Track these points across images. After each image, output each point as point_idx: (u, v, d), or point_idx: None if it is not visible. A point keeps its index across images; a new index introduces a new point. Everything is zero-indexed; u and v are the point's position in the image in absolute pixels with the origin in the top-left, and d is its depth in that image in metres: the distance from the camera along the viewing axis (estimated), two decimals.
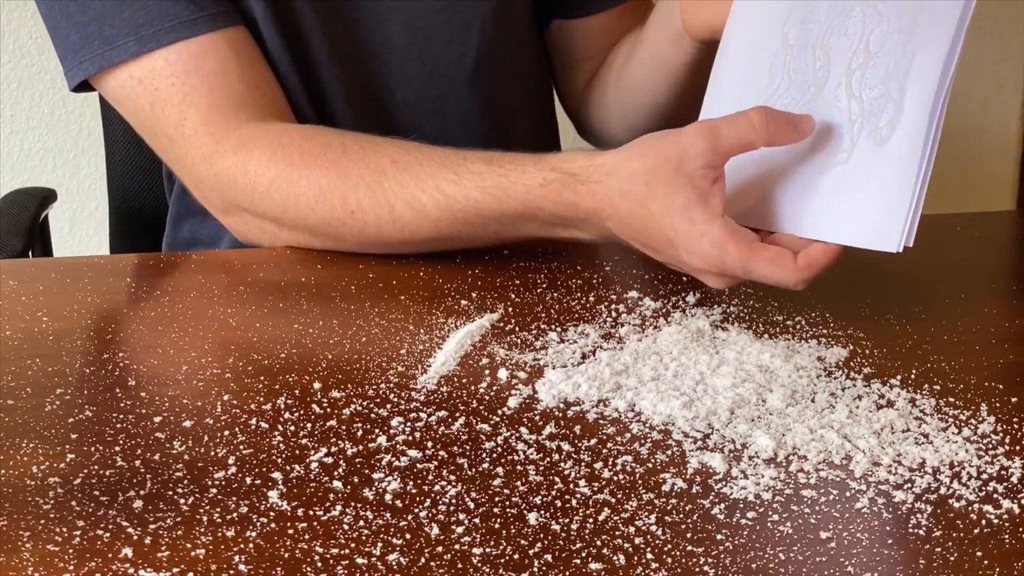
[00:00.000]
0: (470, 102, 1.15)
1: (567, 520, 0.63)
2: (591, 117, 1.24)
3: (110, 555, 0.59)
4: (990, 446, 0.71)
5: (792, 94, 0.89)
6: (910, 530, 0.63)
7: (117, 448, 0.69)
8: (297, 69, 1.07)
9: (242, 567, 0.59)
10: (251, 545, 0.61)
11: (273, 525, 0.62)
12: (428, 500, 0.65)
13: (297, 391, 0.76)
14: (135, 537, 0.61)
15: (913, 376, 0.80)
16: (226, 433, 0.71)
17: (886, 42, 0.85)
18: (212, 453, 0.69)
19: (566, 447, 0.70)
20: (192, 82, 0.98)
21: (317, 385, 0.77)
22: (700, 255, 0.83)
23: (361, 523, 0.63)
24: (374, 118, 1.11)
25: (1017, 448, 0.71)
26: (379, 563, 0.59)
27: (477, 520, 0.63)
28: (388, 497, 0.65)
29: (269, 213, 0.98)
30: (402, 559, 0.60)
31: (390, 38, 1.10)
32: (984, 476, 0.68)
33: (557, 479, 0.67)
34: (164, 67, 0.98)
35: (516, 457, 0.69)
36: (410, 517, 0.63)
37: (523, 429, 0.72)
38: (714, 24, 0.97)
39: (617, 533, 0.62)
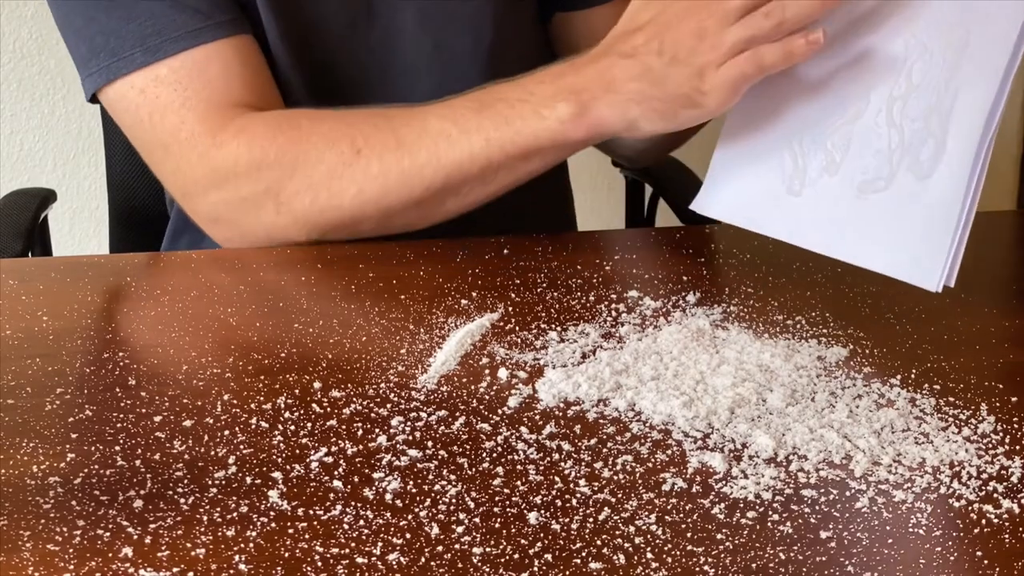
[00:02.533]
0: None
1: (567, 520, 0.63)
2: None
3: (110, 555, 0.59)
4: (990, 446, 0.71)
5: (828, 110, 0.87)
6: (910, 530, 0.63)
7: (117, 448, 0.69)
8: (304, 66, 1.08)
9: (242, 567, 0.59)
10: (251, 545, 0.61)
11: (273, 525, 0.62)
12: (428, 500, 0.65)
13: (297, 391, 0.76)
14: (135, 537, 0.61)
15: (913, 376, 0.80)
16: (226, 433, 0.71)
17: (929, 75, 0.84)
18: (212, 453, 0.69)
19: (566, 447, 0.70)
20: (194, 87, 0.99)
21: (317, 385, 0.77)
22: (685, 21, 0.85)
23: (361, 523, 0.63)
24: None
25: (1017, 448, 0.71)
26: (379, 563, 0.59)
27: (477, 520, 0.63)
28: (388, 497, 0.65)
29: (275, 184, 0.97)
30: (402, 559, 0.60)
31: (406, 26, 1.11)
32: (984, 476, 0.68)
33: (557, 479, 0.67)
34: (168, 74, 0.99)
35: (516, 457, 0.69)
36: (410, 517, 0.63)
37: (523, 429, 0.72)
38: None
39: (617, 533, 0.62)
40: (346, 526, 0.62)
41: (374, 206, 0.97)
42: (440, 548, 0.61)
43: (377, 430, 0.72)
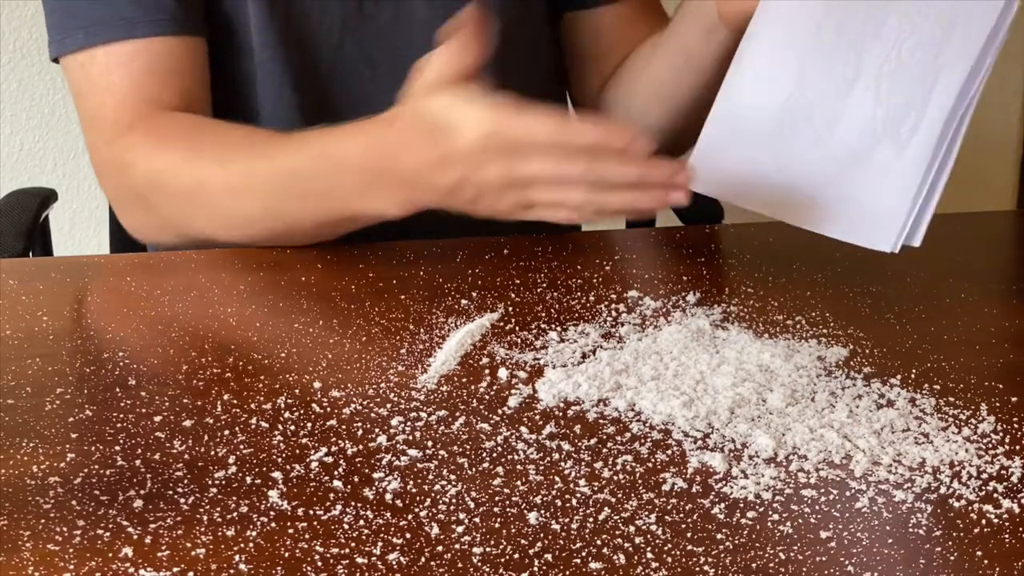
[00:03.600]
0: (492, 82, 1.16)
1: (567, 520, 0.63)
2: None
3: (110, 554, 0.59)
4: (990, 446, 0.71)
5: (818, 90, 0.89)
6: (910, 530, 0.63)
7: (117, 447, 0.69)
8: (294, 54, 1.09)
9: (242, 567, 0.59)
10: (251, 544, 0.61)
11: (273, 524, 0.62)
12: (428, 500, 0.65)
13: (297, 391, 0.76)
14: (135, 536, 0.61)
15: (913, 376, 0.80)
16: (226, 433, 0.71)
17: (917, 51, 0.85)
18: (212, 453, 0.69)
19: (566, 447, 0.70)
20: (118, 75, 1.04)
21: (317, 385, 0.77)
22: (474, 121, 0.81)
23: (361, 522, 0.63)
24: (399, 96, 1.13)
25: (1017, 448, 0.71)
26: (379, 563, 0.59)
27: (477, 520, 0.63)
28: (388, 497, 0.65)
29: (143, 192, 1.02)
30: (402, 559, 0.60)
31: (414, 13, 1.11)
32: (984, 476, 0.68)
33: (557, 479, 0.67)
34: (102, 58, 1.05)
35: (516, 457, 0.69)
36: (410, 517, 0.63)
37: (523, 429, 0.72)
38: (748, 11, 0.98)
39: (617, 533, 0.62)
40: (346, 526, 0.62)
41: (224, 235, 0.99)
42: (440, 548, 0.61)
43: (377, 430, 0.72)
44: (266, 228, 0.98)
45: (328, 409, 0.74)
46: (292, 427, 0.72)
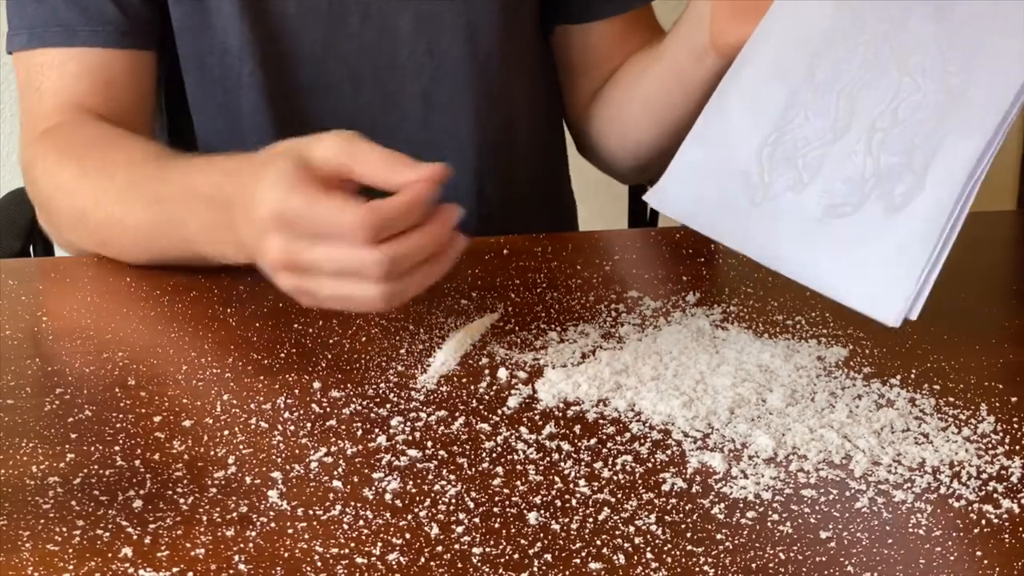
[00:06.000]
0: (480, 99, 1.15)
1: (567, 520, 0.63)
2: (594, 133, 1.24)
3: (110, 555, 0.59)
4: (990, 446, 0.71)
5: (806, 132, 0.85)
6: (910, 530, 0.63)
7: (117, 448, 0.69)
8: (274, 63, 1.09)
9: (242, 567, 0.59)
10: (251, 545, 0.61)
11: (273, 525, 0.62)
12: (428, 500, 0.65)
13: (297, 391, 0.76)
14: (135, 537, 0.61)
15: (913, 376, 0.80)
16: (226, 433, 0.71)
17: (918, 114, 0.82)
18: (212, 453, 0.69)
19: (566, 447, 0.70)
20: (51, 79, 1.05)
21: (317, 385, 0.77)
22: (260, 200, 0.76)
23: (361, 523, 0.63)
24: (383, 112, 1.12)
25: (1017, 448, 0.71)
26: (379, 563, 0.59)
27: (477, 520, 0.63)
28: (388, 497, 0.65)
29: (44, 204, 1.02)
30: (402, 559, 0.60)
31: (400, 27, 1.11)
32: (984, 476, 0.68)
33: (557, 479, 0.67)
34: (41, 60, 1.06)
35: (516, 457, 0.69)
36: (410, 517, 0.63)
37: (523, 429, 0.72)
38: (740, 43, 0.95)
39: (617, 533, 0.62)
40: (346, 526, 0.62)
41: (113, 253, 0.97)
42: (440, 548, 0.61)
43: (377, 430, 0.72)
44: (141, 256, 0.95)
45: (328, 409, 0.74)
46: (292, 427, 0.72)
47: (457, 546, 0.61)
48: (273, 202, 0.75)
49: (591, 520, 0.63)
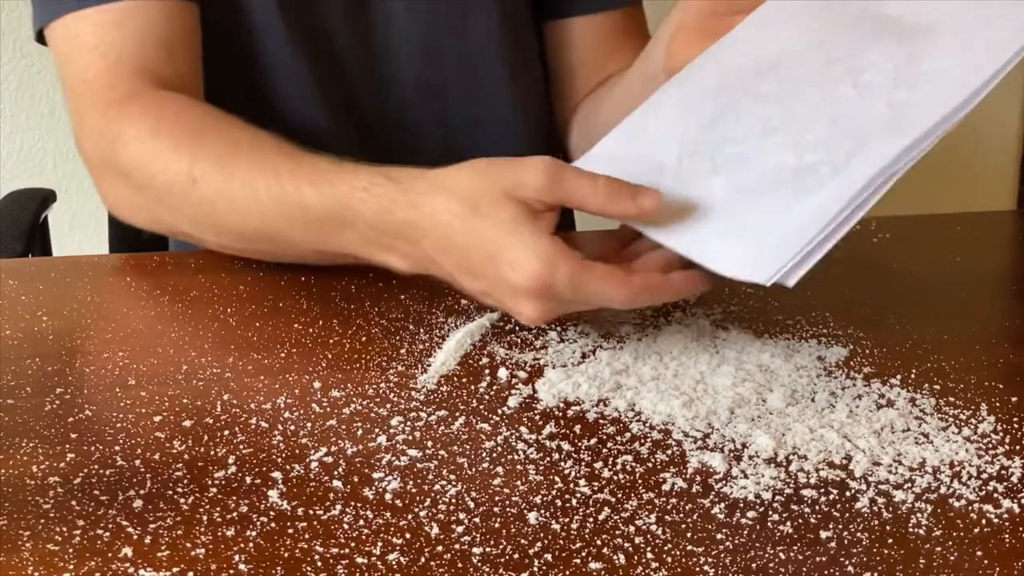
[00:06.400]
0: (472, 88, 1.16)
1: (567, 520, 0.63)
2: (572, 147, 1.25)
3: (110, 555, 0.59)
4: (990, 446, 0.71)
5: (735, 132, 0.82)
6: (910, 530, 0.63)
7: (117, 448, 0.69)
8: (300, 39, 1.09)
9: (242, 567, 0.59)
10: (251, 545, 0.61)
11: (273, 525, 0.62)
12: (428, 500, 0.65)
13: (297, 391, 0.76)
14: (135, 537, 0.61)
15: (913, 376, 0.80)
16: (226, 433, 0.71)
17: (853, 123, 0.81)
18: (212, 453, 0.69)
19: (566, 447, 0.70)
20: (110, 35, 1.01)
21: (317, 384, 0.77)
22: (526, 270, 0.76)
23: (361, 523, 0.63)
24: (381, 99, 1.14)
25: (1017, 448, 0.71)
26: (379, 563, 0.59)
27: (477, 520, 0.63)
28: (388, 496, 0.65)
29: (124, 168, 0.97)
30: (402, 559, 0.60)
31: (395, 14, 1.12)
32: (984, 476, 0.68)
33: (557, 479, 0.67)
34: (93, 15, 1.01)
35: (516, 457, 0.69)
36: (410, 517, 0.63)
37: (523, 429, 0.72)
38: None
39: (617, 533, 0.62)
40: (346, 526, 0.62)
41: (207, 240, 0.96)
42: (440, 548, 0.61)
43: (377, 430, 0.72)
44: (255, 246, 0.94)
45: (328, 409, 0.74)
46: (292, 427, 0.72)
47: (457, 546, 0.61)
48: (534, 272, 0.76)
49: (591, 520, 0.63)
